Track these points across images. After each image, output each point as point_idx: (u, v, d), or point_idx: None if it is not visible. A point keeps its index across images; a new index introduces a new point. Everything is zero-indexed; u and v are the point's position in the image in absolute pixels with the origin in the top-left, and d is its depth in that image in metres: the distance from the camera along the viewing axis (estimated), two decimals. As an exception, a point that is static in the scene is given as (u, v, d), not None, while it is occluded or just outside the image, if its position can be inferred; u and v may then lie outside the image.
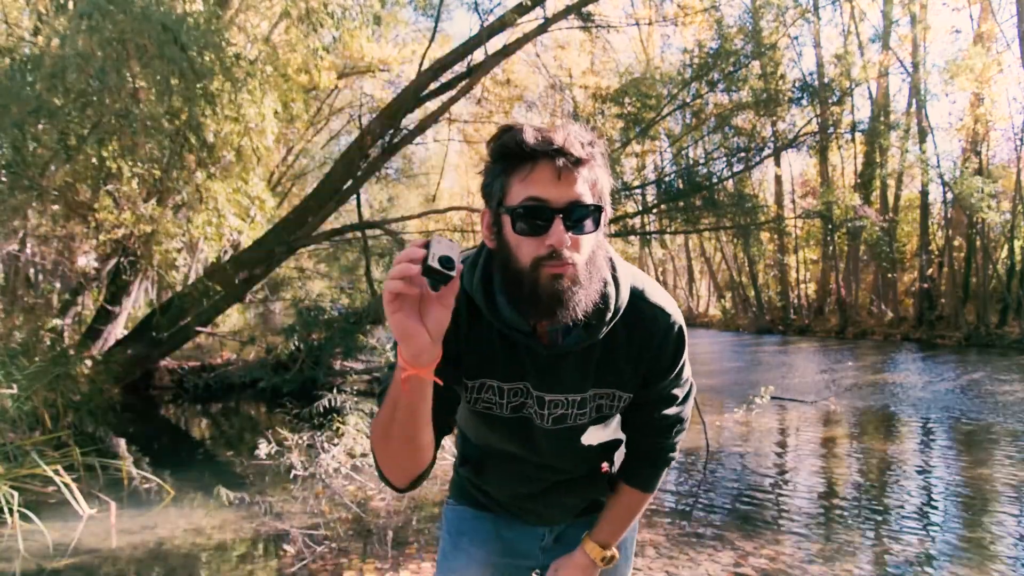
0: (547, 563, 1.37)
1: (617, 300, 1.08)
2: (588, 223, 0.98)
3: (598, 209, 0.99)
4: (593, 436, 1.22)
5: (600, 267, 1.03)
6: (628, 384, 1.16)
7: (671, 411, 1.22)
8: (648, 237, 14.73)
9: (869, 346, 17.37)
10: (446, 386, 1.05)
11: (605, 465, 1.33)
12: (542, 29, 10.17)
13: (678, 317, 1.14)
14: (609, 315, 1.06)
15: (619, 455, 1.34)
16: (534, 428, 1.17)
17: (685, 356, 1.18)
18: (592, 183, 0.98)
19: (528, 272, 0.97)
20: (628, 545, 1.45)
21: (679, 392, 1.22)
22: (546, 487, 1.29)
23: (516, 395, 1.14)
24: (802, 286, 24.14)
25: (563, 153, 0.94)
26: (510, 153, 0.97)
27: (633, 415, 1.23)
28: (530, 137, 0.95)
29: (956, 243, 19.71)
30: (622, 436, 1.32)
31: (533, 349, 1.08)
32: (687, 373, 1.22)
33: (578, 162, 0.96)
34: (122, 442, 6.72)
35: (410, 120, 10.65)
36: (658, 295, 1.13)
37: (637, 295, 1.11)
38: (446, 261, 0.84)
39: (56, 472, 4.38)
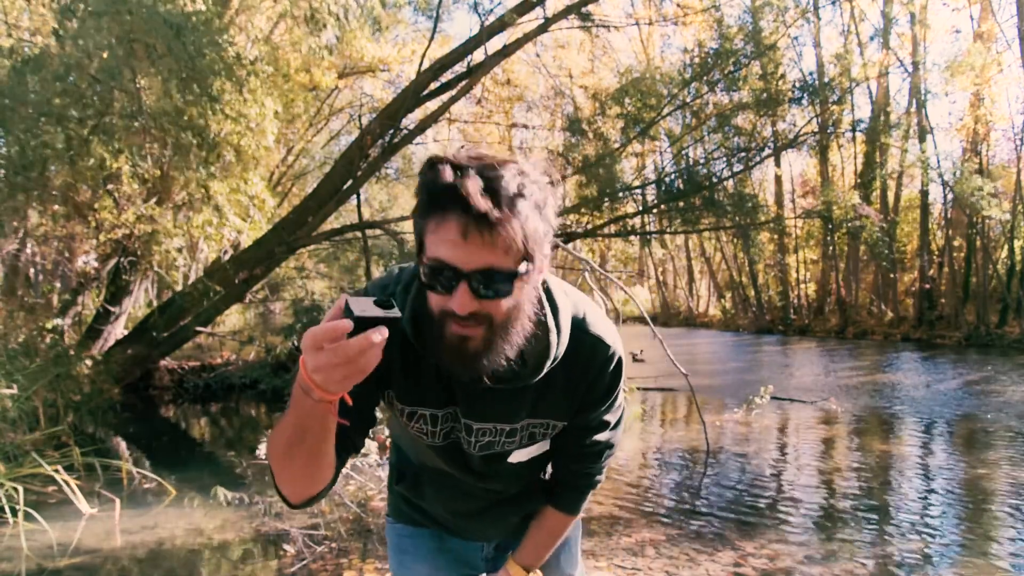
0: (491, 571, 1.36)
1: (558, 347, 1.02)
2: (503, 287, 0.86)
3: (515, 274, 0.86)
4: (522, 454, 1.19)
5: (523, 321, 0.92)
6: (563, 414, 1.13)
7: (602, 437, 1.20)
8: (648, 237, 14.73)
9: (869, 346, 17.37)
10: (364, 407, 1.00)
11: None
12: (542, 29, 10.17)
13: (617, 347, 1.10)
14: (549, 362, 1.01)
15: (550, 467, 1.31)
16: (464, 452, 1.15)
17: (621, 385, 1.15)
18: (512, 243, 0.83)
19: (436, 323, 0.89)
20: (573, 544, 1.45)
21: (611, 418, 1.19)
22: (485, 505, 1.27)
23: (447, 420, 1.10)
24: (802, 286, 24.14)
25: (471, 210, 0.80)
26: (424, 193, 0.86)
27: (563, 440, 1.19)
28: (440, 180, 0.82)
29: (956, 243, 19.71)
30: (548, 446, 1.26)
31: (467, 386, 1.03)
32: (620, 400, 1.18)
33: (491, 224, 0.81)
34: (122, 442, 6.73)
35: (410, 120, 10.64)
36: (598, 325, 1.08)
37: (576, 325, 1.05)
38: (385, 302, 0.76)
39: (56, 472, 4.38)
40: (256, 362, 9.84)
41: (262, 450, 4.90)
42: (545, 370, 1.02)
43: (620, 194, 11.39)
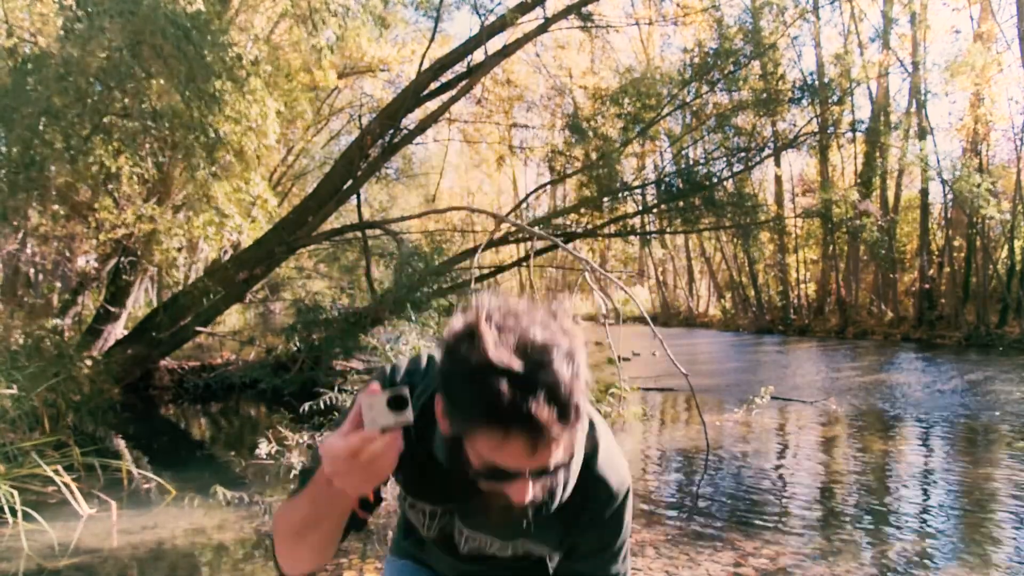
0: None
1: (566, 489, 1.00)
2: (559, 474, 0.89)
3: (570, 459, 0.89)
4: (510, 560, 1.16)
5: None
6: (554, 544, 1.10)
7: None
8: (648, 237, 14.73)
9: (869, 346, 17.37)
10: (376, 489, 1.01)
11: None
12: (542, 29, 10.17)
13: (622, 488, 1.05)
14: (555, 504, 1.00)
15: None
16: (455, 544, 1.16)
17: (624, 533, 1.09)
18: (571, 442, 0.86)
19: (483, 489, 0.90)
20: None
21: (616, 569, 1.11)
22: (484, 572, 1.25)
23: (444, 516, 1.12)
24: (802, 286, 24.11)
25: (545, 432, 0.80)
26: (480, 411, 0.81)
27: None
28: (507, 409, 0.78)
29: (956, 243, 19.69)
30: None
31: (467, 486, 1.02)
32: (623, 548, 1.10)
33: (559, 434, 0.82)
34: (122, 442, 6.72)
35: (410, 120, 10.65)
36: (606, 463, 1.04)
37: (583, 461, 1.02)
38: (396, 403, 0.83)
39: (56, 472, 4.38)
40: (256, 362, 9.83)
41: (262, 450, 4.90)
42: (554, 505, 1.00)
43: (620, 194, 11.39)
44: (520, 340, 0.81)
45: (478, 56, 10.17)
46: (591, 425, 1.05)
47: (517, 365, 0.79)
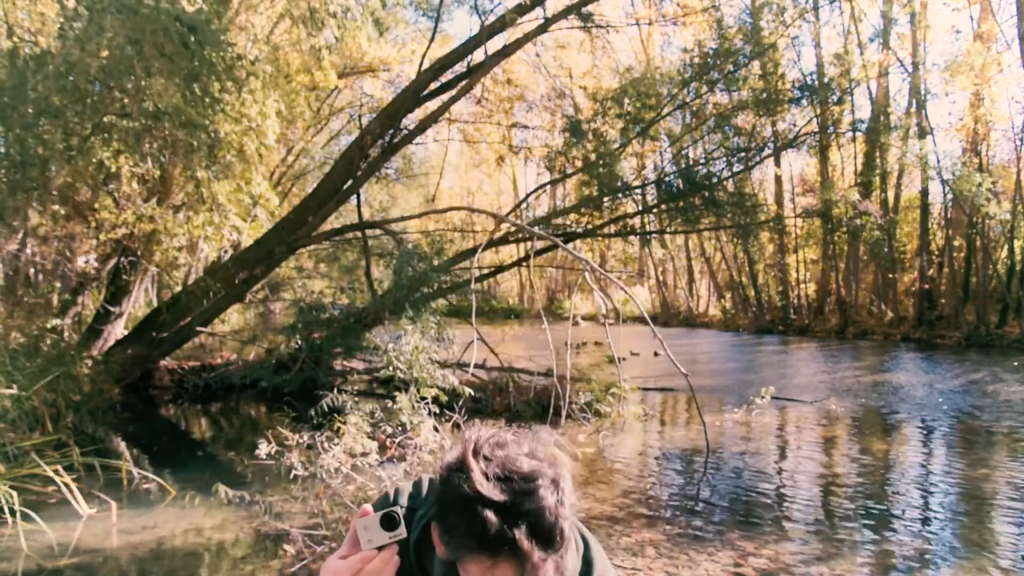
0: None
1: None
2: None
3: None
4: None
5: None
6: None
7: None
8: (648, 237, 14.72)
9: (869, 346, 17.37)
10: None
11: None
12: (542, 29, 10.16)
13: None
14: None
15: None
16: None
17: None
18: (558, 565, 0.91)
19: None
20: None
21: None
22: None
23: None
24: (802, 286, 24.12)
25: (531, 558, 0.86)
26: (471, 539, 0.88)
27: None
28: (489, 529, 0.85)
29: (956, 243, 19.70)
30: None
31: None
32: None
33: (543, 559, 0.88)
34: (122, 442, 6.72)
35: (410, 120, 10.64)
36: (596, 567, 1.08)
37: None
38: (388, 522, 0.91)
39: (56, 472, 4.38)
40: (256, 362, 9.83)
41: (262, 450, 4.89)
42: None
43: (620, 194, 11.39)
44: (507, 471, 0.89)
45: (478, 56, 10.17)
46: (585, 544, 1.09)
47: (502, 496, 0.87)
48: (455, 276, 9.66)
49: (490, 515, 0.86)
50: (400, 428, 5.55)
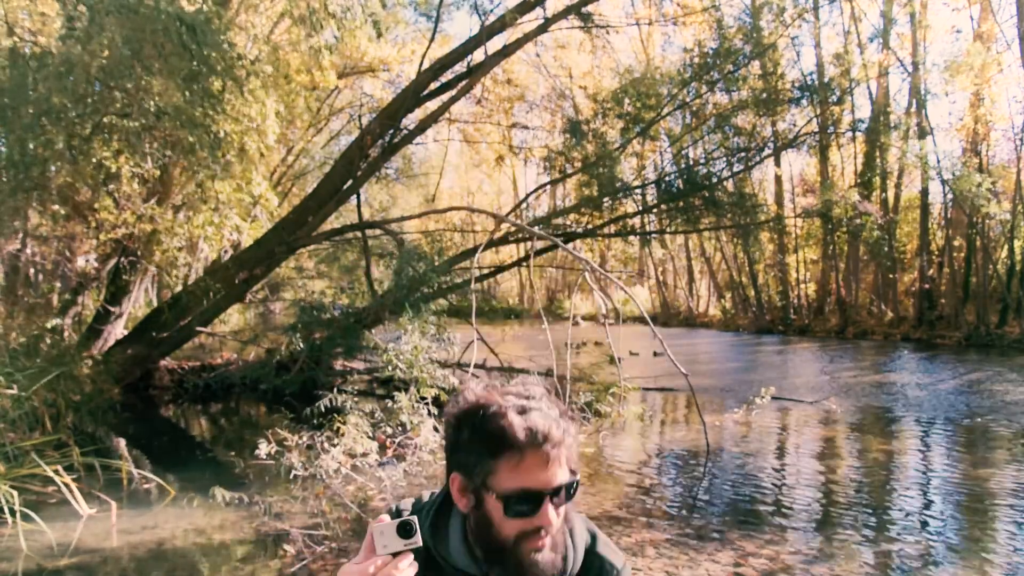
0: None
1: (574, 560, 1.13)
2: (569, 495, 1.07)
3: (575, 484, 1.07)
4: None
5: (564, 529, 1.10)
6: None
7: None
8: (648, 237, 14.70)
9: (869, 346, 17.37)
10: None
11: None
12: (542, 29, 10.16)
13: (622, 563, 1.18)
14: (568, 570, 1.11)
15: None
16: None
17: None
18: (568, 458, 1.05)
19: (511, 544, 1.04)
20: None
21: None
22: None
23: None
24: (802, 286, 24.11)
25: (550, 443, 1.01)
26: (499, 443, 1.01)
27: None
28: (521, 432, 1.01)
29: (956, 243, 19.69)
30: None
31: None
32: None
33: (558, 445, 1.02)
34: (122, 442, 6.72)
35: (410, 120, 10.64)
36: (605, 547, 1.18)
37: (587, 547, 1.16)
38: (405, 530, 0.94)
39: (56, 472, 4.38)
40: (256, 362, 9.83)
41: (262, 450, 4.89)
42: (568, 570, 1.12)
43: (620, 194, 11.38)
44: (511, 392, 1.07)
45: (478, 56, 10.17)
46: (586, 522, 1.21)
47: (514, 404, 1.04)
48: (455, 276, 9.66)
49: (513, 417, 1.01)
50: (400, 428, 5.55)
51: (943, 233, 20.25)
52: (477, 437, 1.03)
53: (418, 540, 0.95)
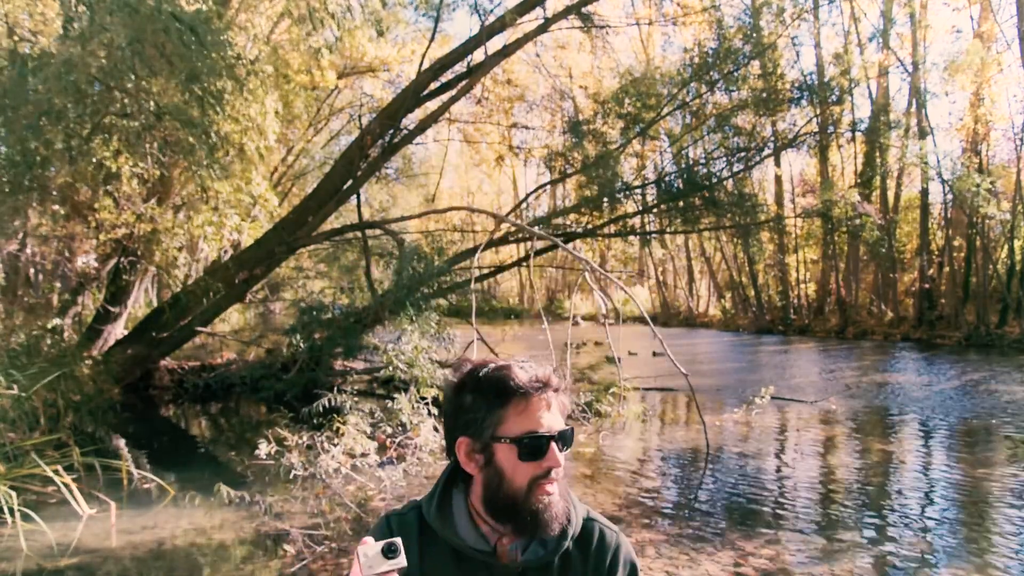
0: None
1: (576, 514, 1.18)
2: (570, 441, 1.14)
3: (573, 431, 1.15)
4: None
5: (565, 484, 1.17)
6: None
7: None
8: (648, 237, 14.70)
9: (869, 346, 17.37)
10: None
11: None
12: (542, 29, 10.16)
13: (618, 532, 1.23)
14: (571, 530, 1.15)
15: None
16: None
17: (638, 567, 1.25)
18: (565, 406, 1.15)
19: (524, 493, 1.09)
20: None
21: None
22: None
23: None
24: (802, 286, 24.11)
25: (550, 388, 1.11)
26: (505, 391, 1.10)
27: None
28: (524, 378, 1.10)
29: (956, 243, 19.69)
30: None
31: (491, 568, 1.13)
32: None
33: (558, 391, 1.13)
34: (122, 442, 6.73)
35: (410, 120, 10.63)
36: (600, 519, 1.23)
37: (585, 515, 1.21)
38: (390, 551, 0.95)
39: (56, 472, 4.38)
40: (256, 362, 9.83)
41: (262, 450, 4.89)
42: (567, 541, 1.15)
43: (620, 194, 11.38)
44: (506, 359, 1.16)
45: (478, 56, 10.16)
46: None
47: (511, 361, 1.14)
48: (455, 276, 9.66)
49: (515, 368, 1.11)
50: (400, 428, 5.55)
51: (943, 233, 20.25)
52: (483, 392, 1.11)
53: (402, 560, 0.96)
